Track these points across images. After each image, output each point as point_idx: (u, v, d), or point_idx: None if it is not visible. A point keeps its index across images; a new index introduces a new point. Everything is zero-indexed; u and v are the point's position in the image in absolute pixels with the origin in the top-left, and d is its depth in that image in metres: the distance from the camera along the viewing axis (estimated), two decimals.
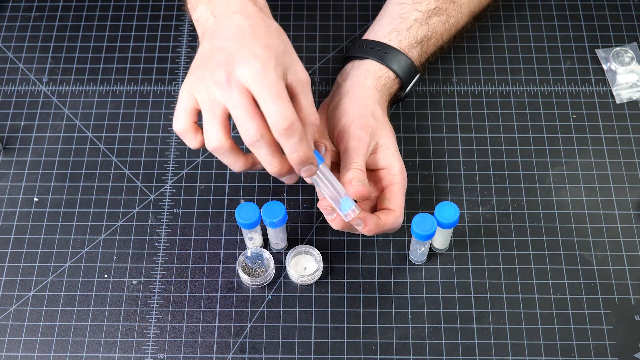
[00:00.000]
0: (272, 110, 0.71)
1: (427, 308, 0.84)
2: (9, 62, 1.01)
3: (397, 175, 0.83)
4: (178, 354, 0.82)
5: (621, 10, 1.04)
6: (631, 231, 0.88)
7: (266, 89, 0.72)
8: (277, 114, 0.71)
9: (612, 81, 0.98)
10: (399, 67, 0.89)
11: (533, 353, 0.81)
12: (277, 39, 0.76)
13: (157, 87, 0.99)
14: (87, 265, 0.87)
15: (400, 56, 0.89)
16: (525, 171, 0.92)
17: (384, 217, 0.81)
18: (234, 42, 0.74)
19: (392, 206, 0.82)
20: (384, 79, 0.88)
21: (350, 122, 0.83)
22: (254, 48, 0.73)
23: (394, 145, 0.85)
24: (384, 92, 0.88)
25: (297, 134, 0.73)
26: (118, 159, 0.94)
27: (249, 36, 0.74)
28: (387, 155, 0.84)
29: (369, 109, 0.85)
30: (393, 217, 0.81)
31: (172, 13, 1.05)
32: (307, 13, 1.05)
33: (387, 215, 0.81)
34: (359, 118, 0.83)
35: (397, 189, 0.82)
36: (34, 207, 0.91)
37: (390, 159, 0.83)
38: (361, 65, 0.89)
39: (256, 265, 0.86)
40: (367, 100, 0.86)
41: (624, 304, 0.84)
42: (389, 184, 0.83)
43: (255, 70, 0.72)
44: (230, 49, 0.74)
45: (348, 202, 0.78)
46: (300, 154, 0.74)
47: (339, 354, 0.82)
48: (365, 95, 0.86)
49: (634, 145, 0.93)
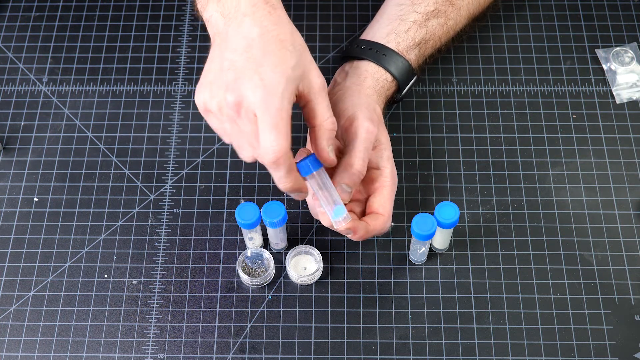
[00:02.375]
0: (264, 140, 0.72)
1: (427, 308, 0.84)
2: (9, 62, 1.01)
3: (389, 179, 0.83)
4: (178, 354, 0.82)
5: (621, 10, 1.04)
6: (631, 231, 0.88)
7: (265, 119, 0.71)
8: (266, 145, 0.72)
9: (612, 81, 0.98)
10: (397, 70, 0.89)
11: (533, 353, 0.81)
12: (290, 49, 0.74)
13: (157, 87, 0.99)
14: (87, 265, 0.87)
15: (398, 58, 0.89)
16: (525, 171, 0.92)
17: (372, 223, 0.81)
18: (242, 57, 0.73)
19: (381, 210, 0.82)
20: (382, 80, 0.88)
21: (358, 112, 0.82)
22: (262, 70, 0.72)
23: (390, 148, 0.85)
24: (381, 94, 0.88)
25: (283, 167, 0.73)
26: (118, 159, 0.94)
27: (258, 51, 0.73)
28: (383, 156, 0.84)
29: (372, 106, 0.85)
30: (382, 222, 0.82)
31: (172, 13, 1.05)
32: (307, 13, 1.05)
33: (375, 220, 0.81)
34: (366, 110, 0.83)
35: (387, 192, 0.83)
36: (34, 207, 0.91)
37: (385, 161, 0.84)
38: (360, 66, 0.89)
39: (256, 265, 0.86)
40: (368, 98, 0.86)
41: (624, 304, 0.84)
42: (380, 186, 0.83)
43: (260, 97, 0.71)
44: (238, 68, 0.73)
45: (340, 210, 0.78)
46: (286, 185, 0.75)
47: (339, 354, 0.82)
48: (367, 94, 0.87)
49: (634, 145, 0.93)
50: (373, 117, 0.83)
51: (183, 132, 0.95)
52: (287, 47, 0.74)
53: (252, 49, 0.73)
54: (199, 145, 0.95)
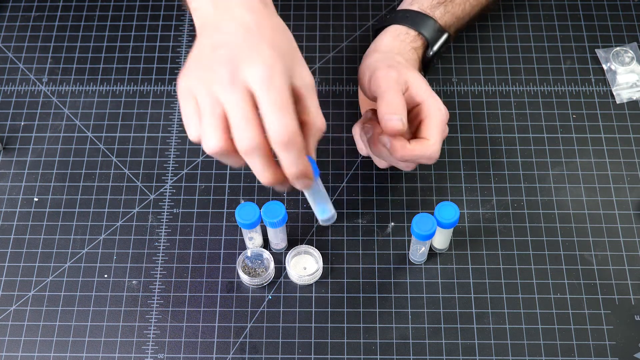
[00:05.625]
0: (274, 120, 0.67)
1: (427, 308, 0.84)
2: (9, 62, 1.01)
3: (431, 109, 0.82)
4: (178, 354, 0.82)
5: (621, 10, 1.04)
6: (631, 231, 0.88)
7: (272, 97, 0.67)
8: (279, 125, 0.67)
9: (612, 81, 0.98)
10: (420, 26, 0.89)
11: (533, 353, 0.81)
12: (284, 38, 0.72)
13: (157, 87, 0.99)
14: (87, 265, 0.87)
15: (421, 15, 0.90)
16: (525, 171, 0.92)
17: (414, 144, 0.80)
18: (237, 37, 0.69)
19: (425, 135, 0.81)
20: (402, 35, 0.89)
21: (376, 67, 0.83)
22: (260, 47, 0.68)
23: (423, 84, 0.83)
24: (403, 47, 0.89)
25: (296, 148, 0.68)
26: (118, 159, 0.94)
27: (254, 32, 0.69)
28: (419, 92, 0.82)
29: (389, 56, 0.86)
30: (426, 145, 0.80)
31: (172, 13, 1.05)
32: (307, 13, 1.05)
33: (419, 143, 0.80)
34: (382, 62, 0.84)
35: (431, 121, 0.81)
36: (34, 207, 0.91)
37: (422, 95, 0.82)
38: (382, 33, 0.91)
39: (256, 265, 0.86)
40: (387, 53, 0.87)
41: (624, 304, 0.84)
42: (424, 117, 0.82)
43: (263, 74, 0.67)
44: (233, 45, 0.69)
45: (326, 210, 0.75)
46: (298, 168, 0.69)
47: (339, 354, 0.82)
48: (385, 50, 0.88)
49: (634, 145, 0.94)
50: (391, 63, 0.83)
51: (183, 132, 0.95)
52: (281, 36, 0.71)
53: (248, 32, 0.69)
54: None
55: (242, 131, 0.67)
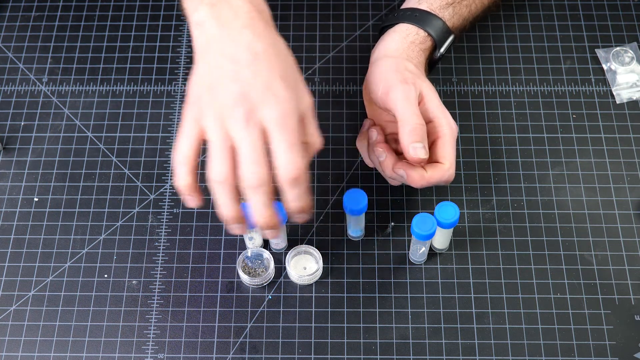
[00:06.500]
0: (286, 159, 0.69)
1: (427, 308, 0.84)
2: (9, 62, 1.01)
3: (444, 127, 0.82)
4: (178, 354, 0.82)
5: (621, 10, 1.04)
6: (631, 231, 0.88)
7: (285, 137, 0.69)
8: (289, 162, 0.69)
9: (612, 81, 0.98)
10: (429, 26, 0.89)
11: (533, 353, 0.81)
12: (288, 62, 0.73)
13: (157, 87, 0.99)
14: (87, 265, 0.87)
15: (430, 16, 0.89)
16: (525, 171, 0.92)
17: (430, 170, 0.81)
18: (248, 71, 0.70)
19: (441, 159, 0.82)
20: (412, 36, 0.89)
21: (389, 79, 0.83)
22: (274, 85, 0.70)
23: (437, 98, 0.84)
24: (412, 49, 0.88)
25: (303, 184, 0.71)
26: (118, 159, 0.94)
27: (264, 64, 0.71)
28: (432, 107, 0.83)
29: (401, 65, 0.85)
30: (442, 170, 0.81)
31: (172, 13, 1.05)
32: (307, 13, 1.05)
33: (434, 168, 0.81)
34: (395, 73, 0.84)
35: (445, 141, 0.82)
36: (34, 207, 0.91)
37: (436, 111, 0.83)
38: (390, 31, 0.90)
39: (256, 265, 0.86)
40: (397, 59, 0.86)
41: (624, 304, 0.84)
42: (436, 137, 0.83)
43: (278, 115, 0.69)
44: (245, 82, 0.70)
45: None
46: (301, 204, 0.72)
47: (339, 354, 0.82)
48: (395, 55, 0.87)
49: (634, 145, 0.94)
50: (405, 76, 0.83)
51: None
52: (286, 62, 0.73)
53: (257, 64, 0.71)
54: None
55: (253, 167, 0.69)
